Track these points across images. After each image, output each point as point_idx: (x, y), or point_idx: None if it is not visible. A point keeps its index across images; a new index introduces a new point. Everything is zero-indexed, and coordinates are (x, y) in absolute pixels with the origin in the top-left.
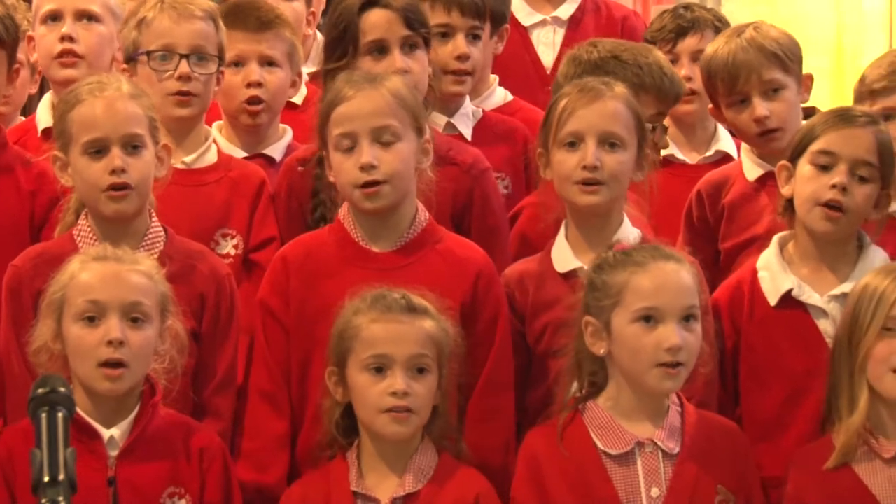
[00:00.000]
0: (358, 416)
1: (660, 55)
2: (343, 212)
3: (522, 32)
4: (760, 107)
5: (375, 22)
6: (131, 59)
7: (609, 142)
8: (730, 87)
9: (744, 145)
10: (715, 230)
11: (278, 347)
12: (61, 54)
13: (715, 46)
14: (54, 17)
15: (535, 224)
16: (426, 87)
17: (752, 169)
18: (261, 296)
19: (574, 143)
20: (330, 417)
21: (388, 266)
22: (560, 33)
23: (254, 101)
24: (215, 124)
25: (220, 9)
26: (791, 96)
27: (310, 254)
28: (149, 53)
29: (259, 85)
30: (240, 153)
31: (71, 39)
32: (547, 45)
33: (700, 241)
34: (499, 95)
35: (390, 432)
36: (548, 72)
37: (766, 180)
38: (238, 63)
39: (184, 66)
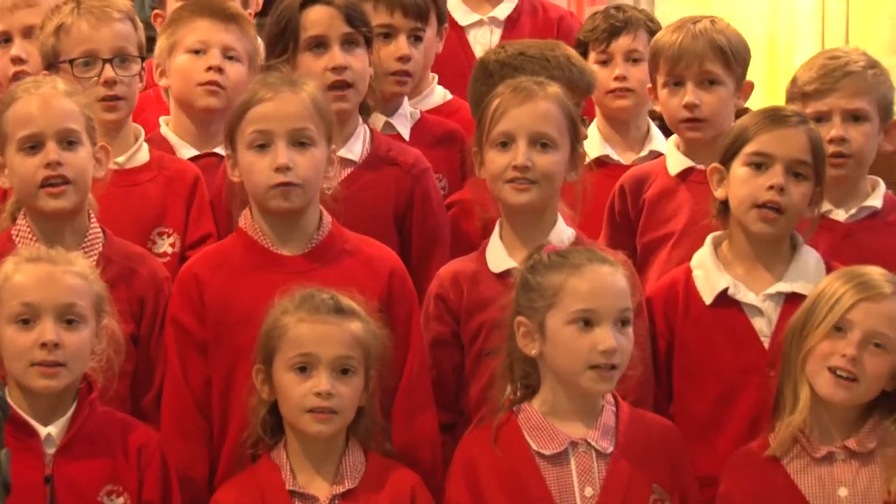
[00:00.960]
0: (283, 414)
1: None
2: (245, 220)
3: (459, 32)
4: (692, 93)
5: (316, 18)
6: (51, 66)
7: (540, 142)
8: (671, 67)
9: (670, 140)
10: (636, 225)
11: (193, 368)
12: (15, 76)
13: (668, 31)
14: (5, 38)
15: (467, 218)
16: (366, 86)
17: (675, 163)
18: (172, 312)
19: (506, 143)
20: (256, 415)
21: (302, 269)
22: (497, 33)
23: (213, 84)
24: (162, 119)
25: None
26: (725, 94)
27: (219, 266)
28: (71, 61)
29: (220, 70)
30: (191, 151)
31: (21, 60)
32: (483, 46)
33: (621, 236)
34: (438, 94)
35: (313, 431)
36: None
37: (687, 175)
38: (199, 51)
39: (108, 71)
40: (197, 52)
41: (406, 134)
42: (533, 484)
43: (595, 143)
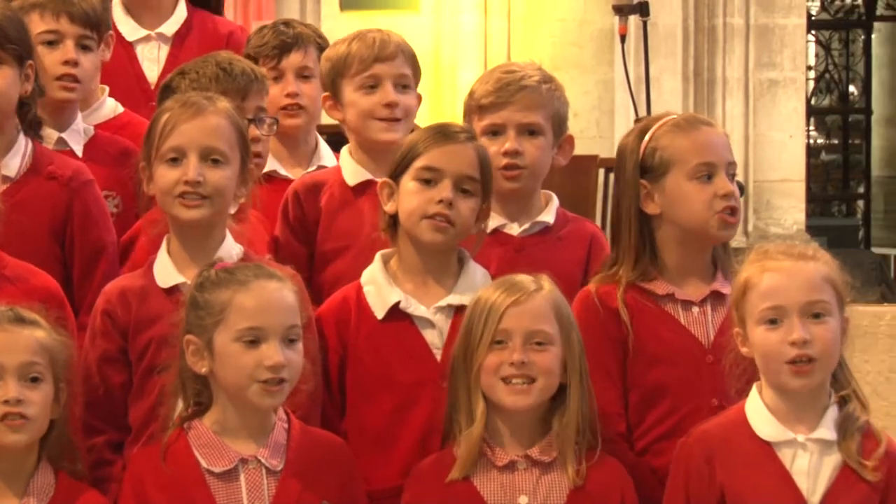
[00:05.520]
0: None
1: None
2: None
3: (127, 47)
4: (393, 93)
5: None
6: None
7: (211, 157)
8: (365, 67)
9: (343, 150)
10: (312, 232)
11: None
12: None
13: (348, 41)
14: None
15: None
16: (10, 103)
17: (352, 174)
18: None
19: (176, 158)
20: None
21: None
22: (165, 49)
23: None
24: None
25: None
26: (415, 97)
27: None
28: None
29: None
30: None
31: None
32: (151, 61)
33: (296, 241)
34: (108, 107)
35: (9, 441)
36: (152, 87)
37: (366, 188)
38: None
39: None
40: None
41: (79, 150)
42: (202, 501)
43: None
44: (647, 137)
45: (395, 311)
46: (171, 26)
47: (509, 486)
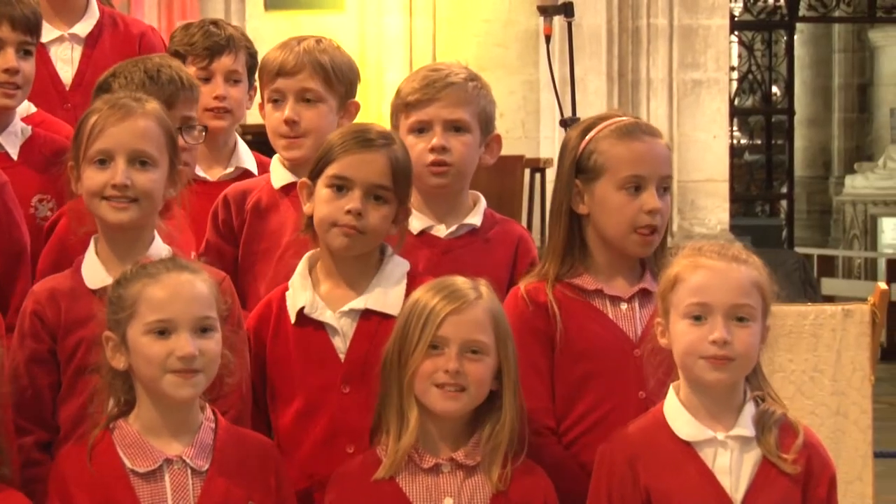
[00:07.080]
0: None
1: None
2: None
3: (41, 49)
4: (291, 109)
5: None
6: None
7: (139, 160)
8: (271, 81)
9: (275, 156)
10: (239, 235)
11: None
12: None
13: (274, 49)
14: None
15: (70, 234)
16: None
17: (279, 177)
18: None
19: (104, 160)
20: None
21: None
22: (78, 50)
23: None
24: None
25: None
26: (326, 110)
27: None
28: None
29: None
30: None
31: None
32: (65, 62)
33: (224, 243)
34: (22, 106)
35: None
36: (67, 88)
37: (291, 190)
38: None
39: None
40: None
41: (14, 153)
42: (125, 502)
43: None
44: (588, 137)
45: (306, 315)
46: (84, 27)
47: (434, 488)
